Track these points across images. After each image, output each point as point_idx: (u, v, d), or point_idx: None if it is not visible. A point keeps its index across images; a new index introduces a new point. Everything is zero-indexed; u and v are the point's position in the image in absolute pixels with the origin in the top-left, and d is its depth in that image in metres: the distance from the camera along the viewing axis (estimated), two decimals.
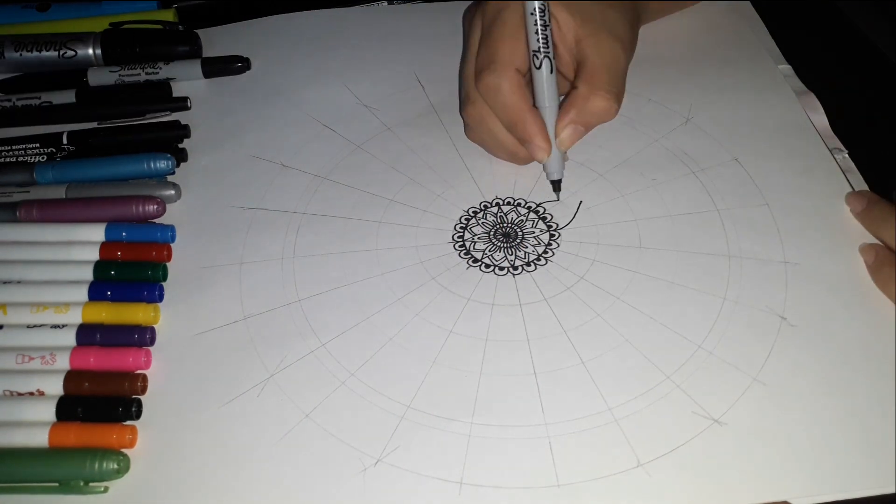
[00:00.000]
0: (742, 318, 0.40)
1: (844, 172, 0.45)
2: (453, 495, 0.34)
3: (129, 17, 0.57)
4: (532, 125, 0.43)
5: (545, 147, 0.43)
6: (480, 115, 0.44)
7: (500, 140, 0.45)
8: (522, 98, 0.42)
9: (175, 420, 0.37)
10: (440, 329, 0.40)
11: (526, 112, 0.43)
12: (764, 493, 0.34)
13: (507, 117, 0.43)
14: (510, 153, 0.46)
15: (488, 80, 0.42)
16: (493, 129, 0.44)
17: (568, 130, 0.43)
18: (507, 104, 0.43)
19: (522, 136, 0.43)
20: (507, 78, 0.42)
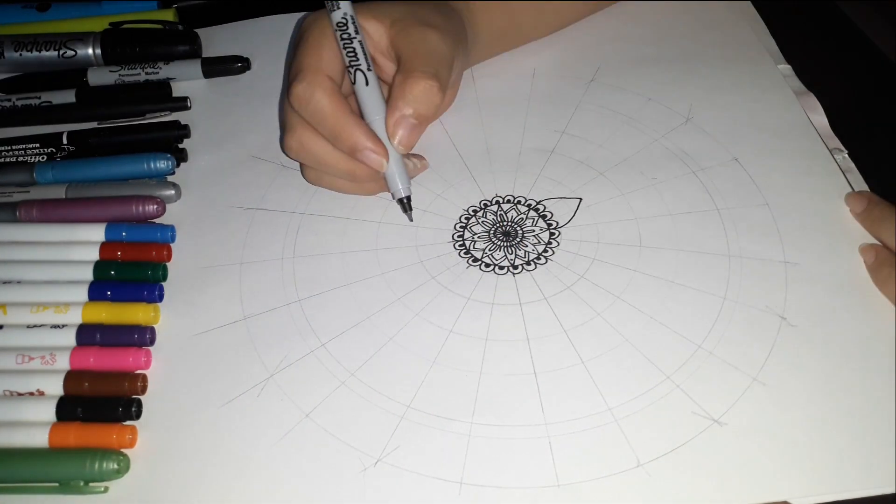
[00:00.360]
0: (742, 318, 0.40)
1: (844, 172, 0.45)
2: (453, 495, 0.34)
3: (129, 17, 0.57)
4: (356, 129, 0.39)
5: (380, 151, 0.40)
6: (300, 140, 0.41)
7: (332, 163, 0.41)
8: (339, 103, 0.39)
9: (175, 420, 0.37)
10: (440, 329, 0.40)
11: (346, 116, 0.39)
12: (764, 493, 0.34)
13: (328, 129, 0.40)
14: (348, 173, 0.42)
15: (299, 91, 0.40)
16: (317, 150, 0.41)
17: (401, 127, 0.40)
18: (324, 112, 0.39)
19: (351, 147, 0.40)
20: (318, 84, 0.39)
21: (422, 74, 0.40)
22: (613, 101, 0.51)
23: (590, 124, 0.49)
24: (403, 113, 0.40)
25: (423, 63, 0.40)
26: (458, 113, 0.50)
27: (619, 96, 0.51)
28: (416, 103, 0.40)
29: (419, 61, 0.40)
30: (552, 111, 0.50)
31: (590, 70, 0.53)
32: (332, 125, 0.40)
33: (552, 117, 0.50)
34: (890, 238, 0.41)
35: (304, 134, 0.41)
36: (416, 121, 0.40)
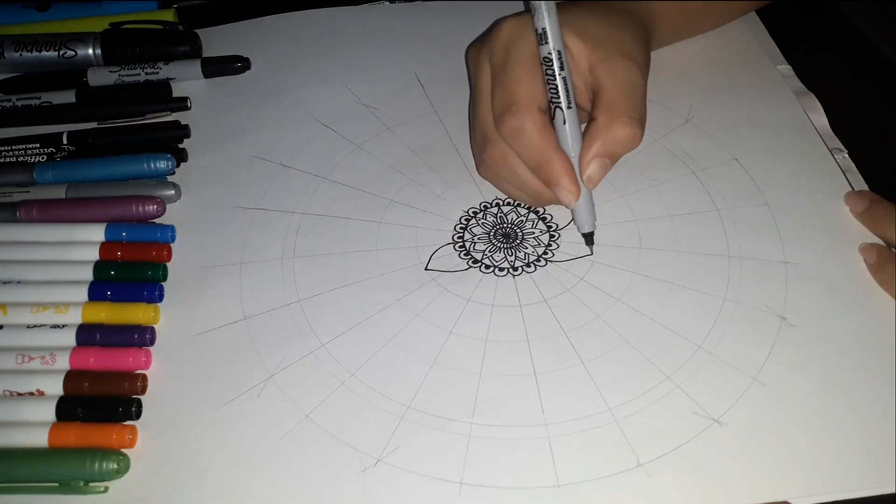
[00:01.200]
0: (742, 318, 0.40)
1: (844, 172, 0.45)
2: (453, 495, 0.34)
3: (129, 17, 0.57)
4: (559, 167, 0.40)
5: (574, 191, 0.40)
6: (503, 154, 0.42)
7: (523, 180, 0.42)
8: (548, 139, 0.40)
9: (175, 420, 0.37)
10: (440, 329, 0.40)
11: (552, 153, 0.40)
12: (764, 493, 0.34)
13: (533, 159, 0.41)
14: (533, 194, 0.43)
15: (511, 123, 0.40)
16: (516, 169, 0.42)
17: (594, 165, 0.40)
18: (532, 146, 0.40)
19: (549, 179, 0.41)
20: (531, 119, 0.40)
21: (629, 120, 0.40)
22: None
23: None
24: (600, 153, 0.40)
25: (629, 107, 0.40)
26: (458, 113, 0.50)
27: None
28: (616, 147, 0.40)
29: (625, 104, 0.40)
30: None
31: None
32: (538, 157, 0.41)
33: None
34: (892, 236, 0.41)
35: (506, 150, 0.42)
36: (610, 161, 0.41)
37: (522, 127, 0.40)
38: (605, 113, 0.40)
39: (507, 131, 0.41)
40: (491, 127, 0.42)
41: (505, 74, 0.41)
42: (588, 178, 0.41)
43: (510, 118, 0.40)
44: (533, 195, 0.43)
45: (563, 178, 0.40)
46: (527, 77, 0.40)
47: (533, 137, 0.40)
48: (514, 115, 0.40)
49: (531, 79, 0.40)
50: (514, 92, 0.40)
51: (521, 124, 0.40)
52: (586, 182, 0.41)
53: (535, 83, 0.40)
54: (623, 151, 0.41)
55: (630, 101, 0.41)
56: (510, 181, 0.44)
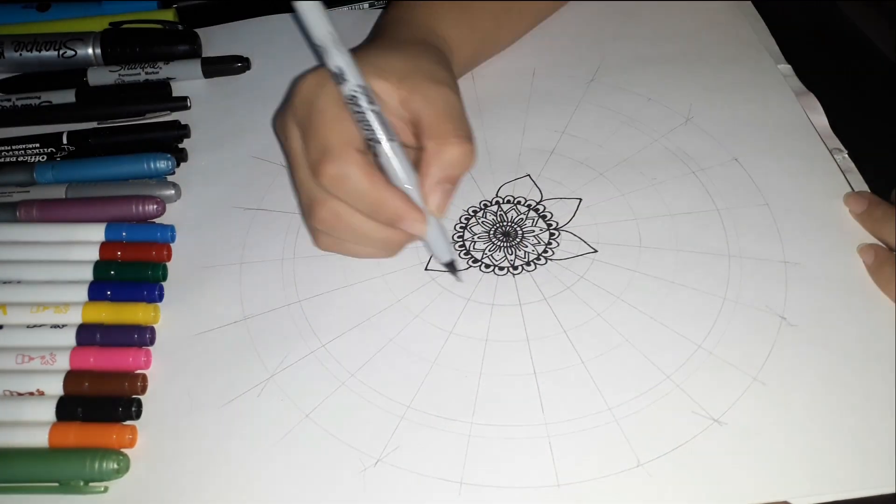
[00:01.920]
0: (742, 318, 0.40)
1: (844, 172, 0.45)
2: (453, 495, 0.34)
3: (129, 17, 0.57)
4: (397, 201, 0.38)
5: (420, 217, 0.38)
6: (334, 212, 0.39)
7: (366, 233, 0.39)
8: (375, 177, 0.37)
9: (175, 420, 0.37)
10: (440, 330, 0.40)
11: (384, 190, 0.37)
12: (764, 493, 0.34)
13: (366, 204, 0.38)
14: (382, 243, 0.41)
15: (331, 171, 0.37)
16: (354, 222, 0.39)
17: (436, 194, 0.38)
18: (360, 189, 0.37)
19: (390, 218, 0.38)
20: (351, 161, 0.37)
21: (457, 139, 0.38)
22: (613, 101, 0.51)
23: (590, 124, 0.49)
24: (440, 179, 0.38)
25: (454, 127, 0.39)
26: None
27: (619, 96, 0.51)
28: (452, 168, 0.39)
29: (448, 124, 0.39)
30: (552, 111, 0.50)
31: (590, 70, 0.53)
32: (372, 200, 0.38)
33: (552, 117, 0.50)
34: (891, 237, 0.41)
35: (338, 206, 0.39)
36: (451, 186, 0.39)
37: (345, 172, 0.37)
38: (432, 139, 0.38)
39: (330, 181, 0.37)
40: (313, 187, 0.39)
41: (313, 126, 0.38)
42: (435, 207, 0.39)
43: (329, 166, 0.37)
44: (383, 244, 0.41)
45: (406, 211, 0.38)
46: (335, 122, 0.38)
47: (359, 180, 0.37)
48: (332, 161, 0.37)
49: (340, 123, 0.38)
50: (326, 139, 0.37)
51: (342, 170, 0.37)
52: (435, 212, 0.39)
53: (345, 126, 0.38)
54: (461, 172, 0.39)
55: (452, 122, 0.39)
56: (353, 239, 0.40)
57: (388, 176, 0.38)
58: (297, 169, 0.40)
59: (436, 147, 0.38)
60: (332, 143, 0.37)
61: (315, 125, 0.38)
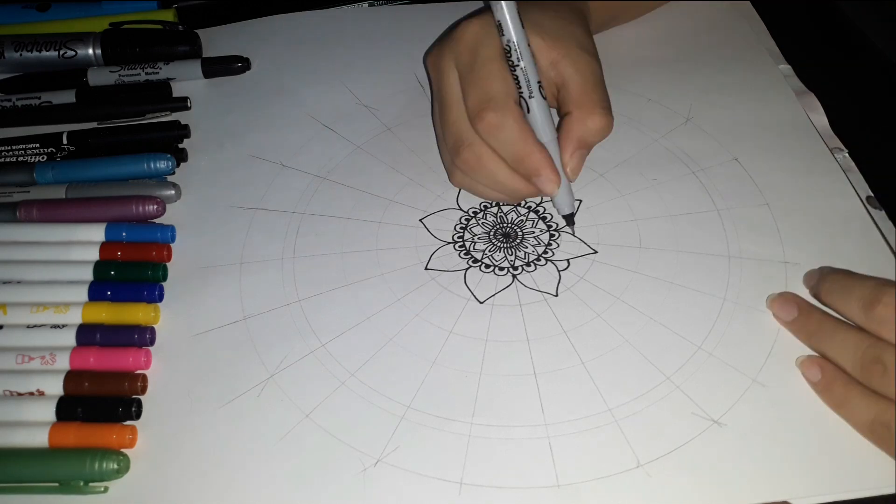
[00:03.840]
0: (742, 319, 0.40)
1: (845, 172, 0.45)
2: (453, 495, 0.34)
3: (129, 17, 0.57)
4: (540, 158, 0.40)
5: (556, 179, 0.41)
6: (479, 156, 0.42)
7: (501, 180, 0.42)
8: (527, 131, 0.40)
9: (175, 420, 0.37)
10: (440, 329, 0.40)
11: (532, 145, 0.40)
12: (764, 493, 0.34)
13: (513, 153, 0.41)
14: (511, 192, 0.43)
15: (491, 119, 0.40)
16: (494, 168, 0.42)
17: (575, 158, 0.42)
18: (513, 140, 0.40)
19: (530, 171, 0.41)
20: (510, 113, 0.40)
21: (602, 111, 0.41)
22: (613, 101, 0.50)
23: None
24: (580, 145, 0.42)
25: (599, 98, 0.42)
26: None
27: (619, 96, 0.51)
28: (592, 136, 0.42)
29: (593, 94, 0.42)
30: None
31: None
32: (518, 151, 0.41)
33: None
34: (835, 352, 0.36)
35: (482, 150, 0.41)
36: (586, 152, 0.42)
37: (503, 122, 0.40)
38: (578, 107, 0.41)
39: (487, 128, 0.40)
40: (466, 130, 0.41)
41: (476, 73, 0.41)
42: (570, 171, 0.42)
43: (490, 114, 0.40)
44: (511, 192, 0.43)
45: (545, 168, 0.41)
46: (500, 72, 0.40)
47: (513, 131, 0.40)
48: (493, 110, 0.40)
49: (503, 74, 0.40)
50: (490, 88, 0.40)
51: (500, 119, 0.40)
52: (570, 175, 0.42)
53: (508, 78, 0.41)
54: (598, 140, 0.42)
55: (598, 93, 0.42)
56: (487, 183, 0.43)
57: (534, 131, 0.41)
58: (449, 108, 0.42)
59: (580, 115, 0.41)
60: (496, 93, 0.40)
61: (479, 73, 0.41)
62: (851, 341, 0.35)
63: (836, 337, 0.36)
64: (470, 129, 0.41)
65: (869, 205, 0.44)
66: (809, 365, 0.37)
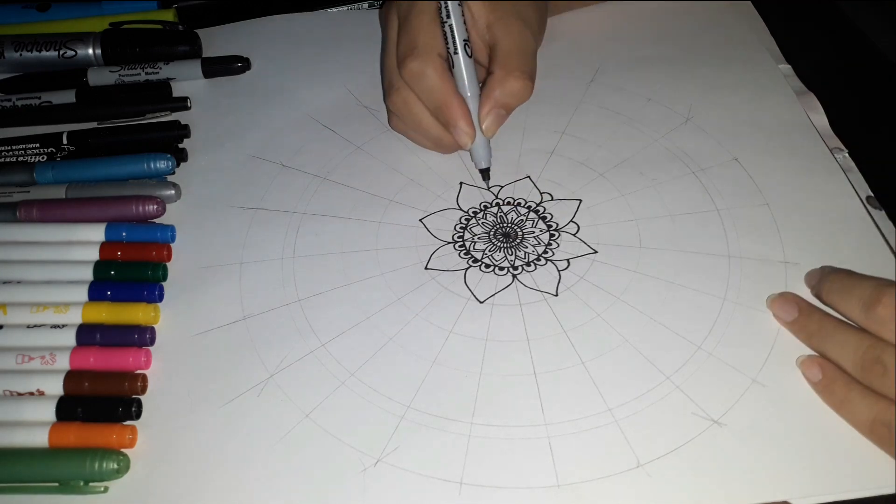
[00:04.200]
0: (742, 319, 0.40)
1: (845, 172, 0.45)
2: (453, 495, 0.34)
3: (129, 17, 0.57)
4: (457, 109, 0.43)
5: (470, 132, 0.44)
6: (405, 100, 0.45)
7: (425, 126, 0.45)
8: (447, 82, 0.43)
9: (175, 420, 0.37)
10: (440, 329, 0.40)
11: (451, 96, 0.43)
12: (764, 493, 0.34)
13: (433, 101, 0.44)
14: (435, 140, 0.46)
15: (412, 66, 0.43)
16: (419, 114, 0.45)
17: (491, 116, 0.44)
18: (432, 88, 0.43)
19: (447, 121, 0.44)
20: (431, 63, 0.43)
21: (522, 74, 0.44)
22: (613, 101, 0.51)
23: (590, 125, 0.49)
24: (497, 104, 0.44)
25: (521, 62, 0.44)
26: None
27: (619, 96, 0.51)
28: (510, 98, 0.44)
29: (518, 59, 0.44)
30: (552, 112, 0.50)
31: (589, 70, 0.53)
32: (437, 100, 0.44)
33: (552, 118, 0.50)
34: (835, 352, 0.36)
35: (408, 95, 0.45)
36: (505, 112, 0.45)
37: (423, 70, 0.43)
38: (501, 68, 0.44)
39: (409, 75, 0.43)
40: (396, 73, 0.45)
41: (409, 23, 0.44)
42: (486, 128, 0.44)
43: (412, 62, 0.43)
44: (435, 141, 0.46)
45: (461, 119, 0.43)
46: (429, 25, 0.44)
47: (432, 80, 0.43)
48: (415, 58, 0.43)
49: (433, 26, 0.44)
50: (416, 38, 0.44)
51: (421, 68, 0.43)
52: (484, 132, 0.44)
53: (436, 31, 0.44)
54: (516, 103, 0.45)
55: (522, 58, 0.44)
56: (414, 127, 0.46)
57: (456, 84, 0.44)
58: (387, 54, 0.46)
59: (501, 76, 0.44)
60: (419, 42, 0.43)
61: (411, 23, 0.44)
62: (852, 342, 0.35)
63: (837, 337, 0.36)
64: (398, 76, 0.44)
65: (869, 205, 0.44)
66: (810, 365, 0.37)
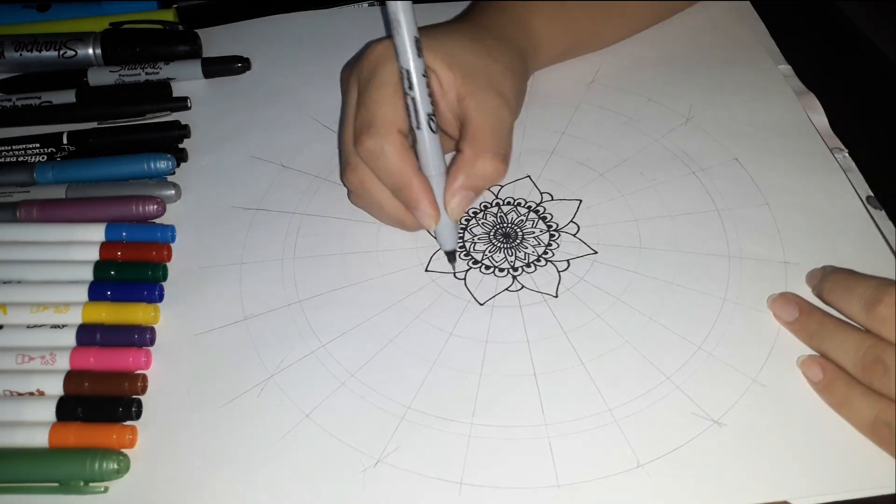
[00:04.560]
0: (742, 319, 0.40)
1: (845, 172, 0.45)
2: (453, 495, 0.34)
3: (129, 17, 0.57)
4: (418, 190, 0.40)
5: (433, 214, 0.40)
6: (362, 180, 0.41)
7: (385, 207, 0.42)
8: (407, 161, 0.39)
9: (175, 420, 0.37)
10: (440, 330, 0.40)
11: (411, 176, 0.39)
12: (764, 493, 0.34)
13: (392, 182, 0.40)
14: (397, 220, 0.42)
15: (368, 144, 0.39)
16: (377, 195, 0.41)
17: (457, 198, 0.40)
18: (390, 169, 0.39)
19: (408, 202, 0.40)
20: (390, 141, 0.39)
21: (494, 156, 0.40)
22: (613, 101, 0.51)
23: (590, 125, 0.49)
24: (465, 186, 0.40)
25: (494, 142, 0.40)
26: None
27: (619, 97, 0.51)
28: (480, 181, 0.40)
29: (490, 139, 0.40)
30: (552, 112, 0.50)
31: (590, 71, 0.53)
32: (397, 180, 0.40)
33: (552, 118, 0.50)
34: (836, 352, 0.36)
35: (366, 175, 0.41)
36: (474, 194, 0.41)
37: (381, 149, 0.39)
38: (471, 147, 0.40)
39: (366, 153, 0.40)
40: (352, 150, 0.41)
41: (369, 95, 0.40)
42: (451, 210, 0.40)
43: (368, 139, 0.39)
44: (397, 221, 0.42)
45: (422, 201, 0.40)
46: (390, 98, 0.39)
47: (391, 160, 0.39)
48: (372, 136, 0.39)
49: (393, 99, 0.39)
50: (375, 113, 0.39)
51: (379, 146, 0.39)
52: (449, 214, 0.40)
53: (397, 103, 0.39)
54: (486, 185, 0.40)
55: (495, 137, 0.40)
56: (374, 208, 0.43)
57: (419, 161, 0.40)
58: (344, 128, 0.42)
59: (471, 156, 0.40)
60: (378, 118, 0.39)
61: (370, 95, 0.40)
62: (852, 341, 0.35)
63: (837, 337, 0.36)
64: (354, 153, 0.41)
65: (869, 205, 0.44)
66: (810, 364, 0.37)
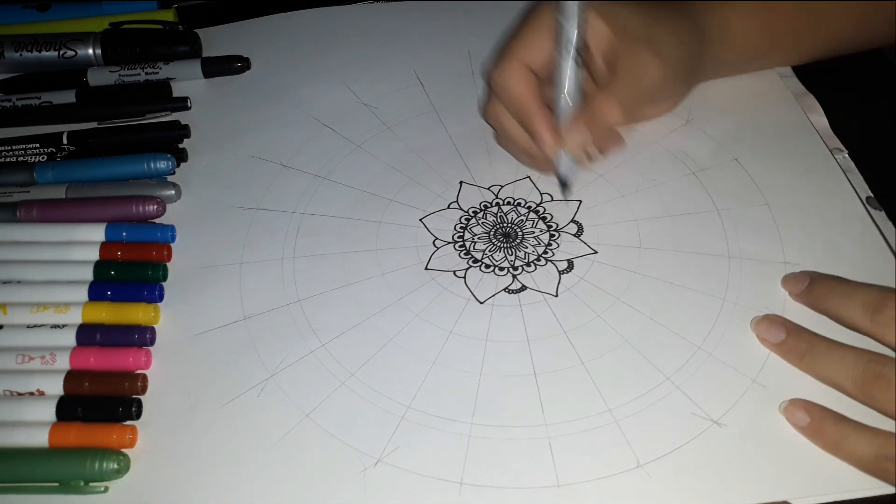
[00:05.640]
0: (742, 319, 0.40)
1: (845, 172, 0.45)
2: (453, 495, 0.34)
3: (129, 17, 0.57)
4: (539, 121, 0.42)
5: (550, 141, 0.42)
6: (496, 110, 0.44)
7: (514, 137, 0.44)
8: (527, 94, 0.42)
9: (175, 420, 0.37)
10: (440, 329, 0.40)
11: (532, 108, 0.42)
12: (764, 493, 0.34)
13: (515, 111, 0.43)
14: (526, 152, 0.45)
15: (494, 75, 0.43)
16: (507, 124, 0.44)
17: (575, 132, 0.42)
18: (512, 98, 0.42)
19: (530, 130, 0.43)
20: (513, 72, 0.42)
21: (611, 97, 0.41)
22: None
23: None
24: (581, 119, 0.42)
25: (625, 91, 0.42)
26: (458, 113, 0.50)
27: None
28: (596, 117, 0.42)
29: (619, 84, 0.42)
30: None
31: None
32: (519, 111, 0.43)
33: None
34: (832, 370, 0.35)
35: (497, 106, 0.44)
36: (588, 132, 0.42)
37: (505, 81, 0.42)
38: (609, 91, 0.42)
39: (494, 84, 0.43)
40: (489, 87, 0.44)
41: (513, 33, 0.43)
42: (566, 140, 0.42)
43: (494, 70, 0.43)
44: (526, 154, 0.45)
45: (541, 128, 0.42)
46: (529, 33, 0.42)
47: (513, 90, 0.42)
48: (497, 67, 0.43)
49: (532, 35, 0.42)
50: (510, 45, 0.43)
51: (503, 78, 0.42)
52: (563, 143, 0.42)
53: (533, 40, 0.42)
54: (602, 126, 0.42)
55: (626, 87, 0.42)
56: (506, 137, 0.45)
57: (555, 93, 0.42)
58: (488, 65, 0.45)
59: (603, 100, 0.42)
60: (508, 52, 0.42)
61: (516, 30, 0.43)
62: (850, 358, 0.34)
63: (833, 355, 0.35)
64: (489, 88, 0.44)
65: (869, 205, 0.44)
66: (794, 410, 0.35)
